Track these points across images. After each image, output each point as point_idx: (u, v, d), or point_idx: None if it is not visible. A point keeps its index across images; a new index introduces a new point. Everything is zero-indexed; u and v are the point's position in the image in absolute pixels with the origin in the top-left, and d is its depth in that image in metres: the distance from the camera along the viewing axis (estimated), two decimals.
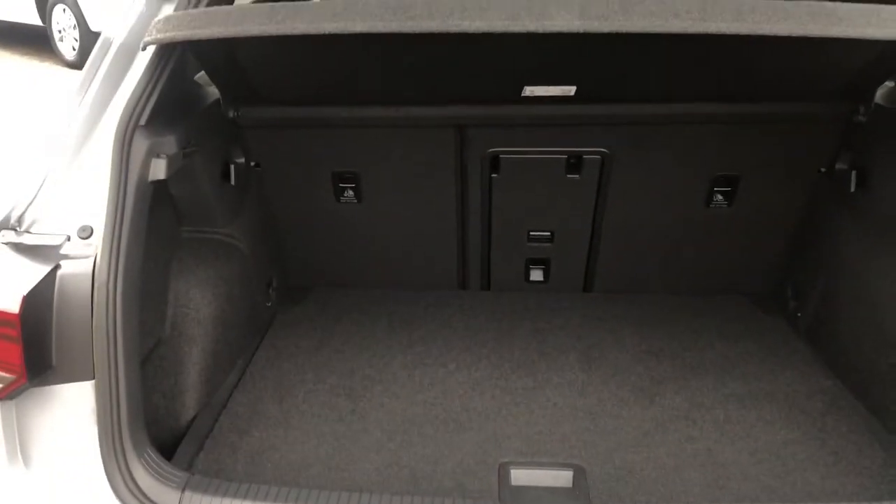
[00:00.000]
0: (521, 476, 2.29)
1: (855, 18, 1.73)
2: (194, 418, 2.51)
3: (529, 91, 2.62)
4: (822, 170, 2.93)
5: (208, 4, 2.20)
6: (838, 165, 2.84)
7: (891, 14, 1.75)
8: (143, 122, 2.00)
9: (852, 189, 2.72)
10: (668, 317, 3.19)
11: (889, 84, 2.76)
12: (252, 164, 3.03)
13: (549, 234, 3.22)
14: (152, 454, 1.97)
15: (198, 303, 2.59)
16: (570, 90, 2.61)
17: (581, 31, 1.70)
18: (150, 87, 2.03)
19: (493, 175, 3.05)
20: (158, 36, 1.93)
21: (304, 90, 2.78)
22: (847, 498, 2.17)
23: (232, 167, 2.80)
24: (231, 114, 2.81)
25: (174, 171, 2.08)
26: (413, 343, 3.02)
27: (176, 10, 2.14)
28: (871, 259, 2.66)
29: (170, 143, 2.07)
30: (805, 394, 2.67)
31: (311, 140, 2.99)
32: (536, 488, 2.25)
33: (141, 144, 1.97)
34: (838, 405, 2.59)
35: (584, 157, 2.97)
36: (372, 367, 2.86)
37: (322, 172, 3.08)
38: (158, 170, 2.01)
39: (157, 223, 2.23)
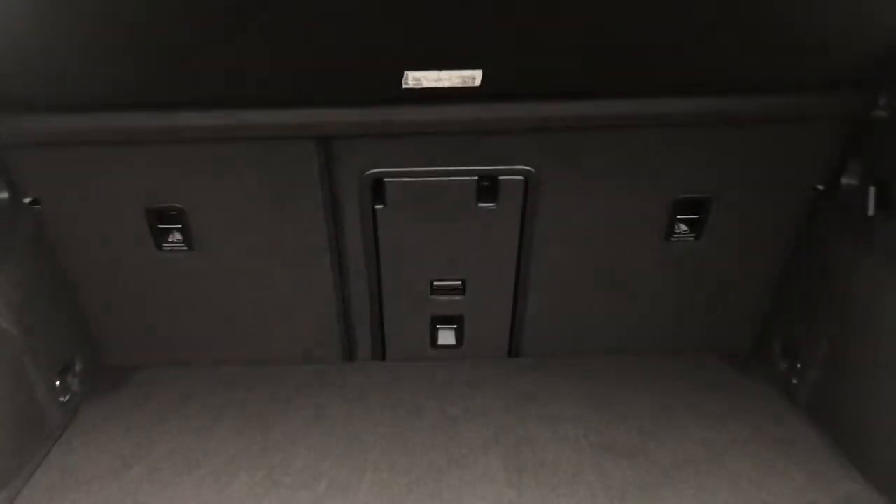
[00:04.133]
0: None
1: None
2: None
3: (413, 80, 1.78)
4: (820, 187, 2.17)
5: None
6: (845, 180, 2.08)
7: None
8: None
9: (870, 212, 1.96)
10: (622, 390, 2.36)
11: None
12: (25, 200, 2.08)
13: (459, 283, 2.37)
14: None
15: None
16: (474, 77, 1.78)
17: None
18: None
19: (378, 206, 2.18)
20: None
21: (90, 86, 1.86)
22: None
23: None
24: None
25: None
26: (268, 450, 2.11)
27: None
28: None
29: None
30: None
31: (110, 163, 2.07)
32: None
33: None
34: None
35: (501, 178, 2.14)
36: (201, 497, 1.93)
37: (131, 210, 2.15)
38: None
39: None
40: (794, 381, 2.28)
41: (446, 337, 2.52)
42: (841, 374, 2.09)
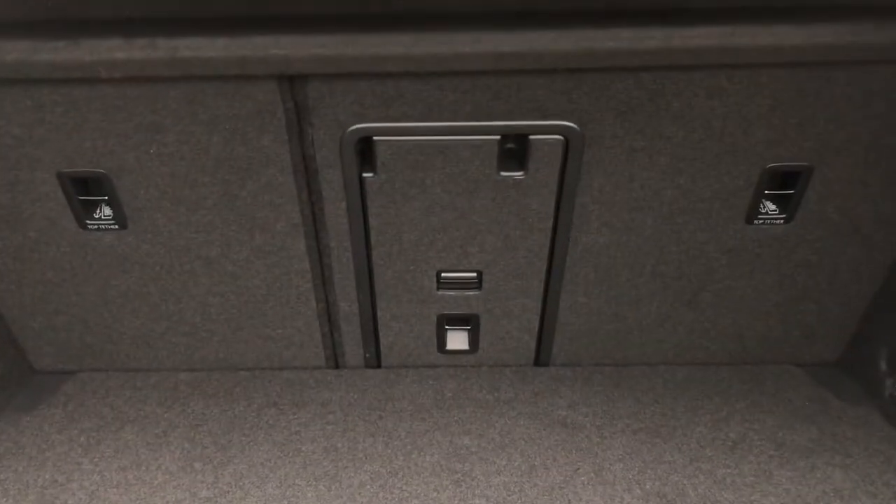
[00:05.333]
0: None
1: None
2: None
3: None
4: None
5: None
6: None
7: None
8: None
9: None
10: (684, 416, 1.83)
11: None
12: None
13: (474, 275, 1.83)
14: None
15: None
16: None
17: None
18: None
19: (366, 175, 1.64)
20: None
21: None
22: None
23: None
24: None
25: None
26: (218, 498, 1.60)
27: None
28: None
29: None
30: None
31: (6, 111, 1.54)
32: None
33: None
34: None
35: (532, 138, 1.58)
36: None
37: (41, 176, 1.62)
38: None
39: None
40: None
41: (457, 340, 1.99)
42: None
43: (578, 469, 1.66)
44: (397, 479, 1.64)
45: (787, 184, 1.68)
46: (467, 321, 1.95)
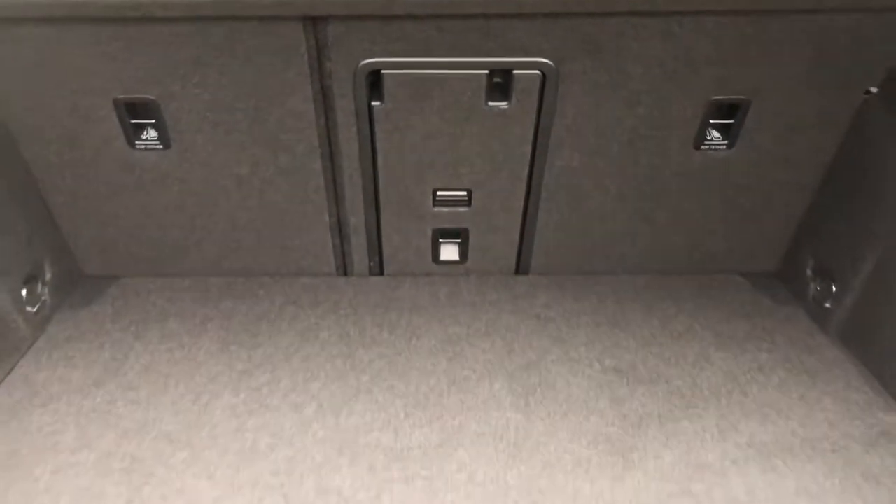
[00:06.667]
0: None
1: None
2: None
3: None
4: (873, 90, 1.93)
5: None
6: None
7: None
8: None
9: None
10: (639, 312, 2.18)
11: None
12: None
13: (464, 193, 2.15)
14: None
15: None
16: None
17: None
18: None
19: (375, 103, 1.94)
20: None
21: None
22: None
23: None
24: None
25: None
26: (254, 369, 1.94)
27: None
28: None
29: None
30: (862, 441, 1.71)
31: (71, 45, 1.82)
32: None
33: None
34: None
35: (516, 72, 1.89)
36: (179, 417, 1.77)
37: (98, 101, 1.91)
38: None
39: None
40: (827, 305, 2.09)
41: (449, 252, 2.32)
42: (883, 298, 1.90)
43: (549, 351, 2.01)
44: (400, 357, 1.98)
45: (729, 115, 2.00)
46: (458, 235, 2.27)
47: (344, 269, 2.34)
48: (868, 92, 1.93)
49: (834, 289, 2.07)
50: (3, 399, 1.82)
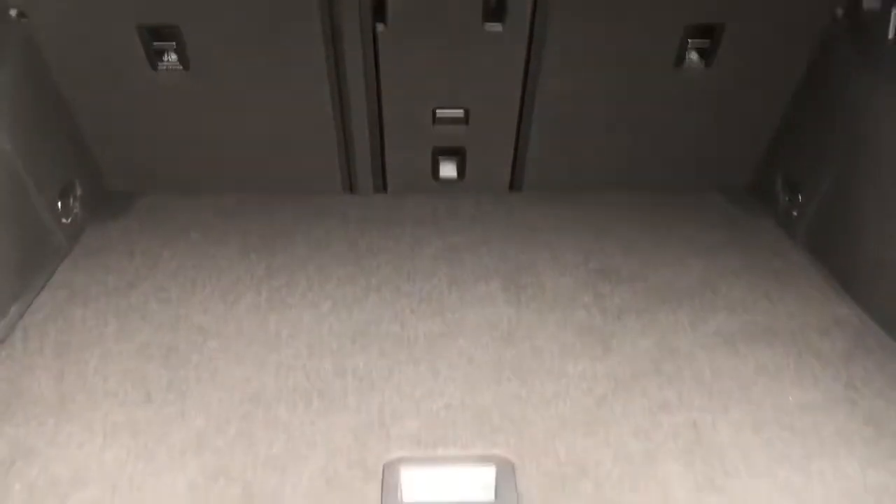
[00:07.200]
0: (415, 481, 1.50)
1: None
2: None
3: None
4: (840, 11, 2.08)
5: None
6: (866, 4, 1.99)
7: None
8: None
9: (891, 35, 1.89)
10: (622, 223, 2.38)
11: None
12: (12, 12, 2.00)
13: (461, 112, 2.32)
14: None
15: None
16: None
17: None
18: None
19: (379, 25, 2.09)
20: None
21: None
22: None
23: None
24: None
25: None
26: (273, 273, 2.14)
27: None
28: None
29: None
30: (817, 329, 1.92)
31: None
32: None
33: None
34: (865, 345, 1.86)
35: None
36: (208, 313, 1.97)
37: (123, 26, 2.06)
38: None
39: None
40: (794, 214, 2.29)
41: (448, 169, 2.50)
42: (843, 207, 2.09)
43: (539, 256, 2.21)
44: (405, 261, 2.18)
45: (707, 37, 2.16)
46: (456, 152, 2.45)
47: (350, 187, 2.53)
48: (834, 18, 2.09)
49: (800, 199, 2.27)
50: (47, 299, 2.02)
